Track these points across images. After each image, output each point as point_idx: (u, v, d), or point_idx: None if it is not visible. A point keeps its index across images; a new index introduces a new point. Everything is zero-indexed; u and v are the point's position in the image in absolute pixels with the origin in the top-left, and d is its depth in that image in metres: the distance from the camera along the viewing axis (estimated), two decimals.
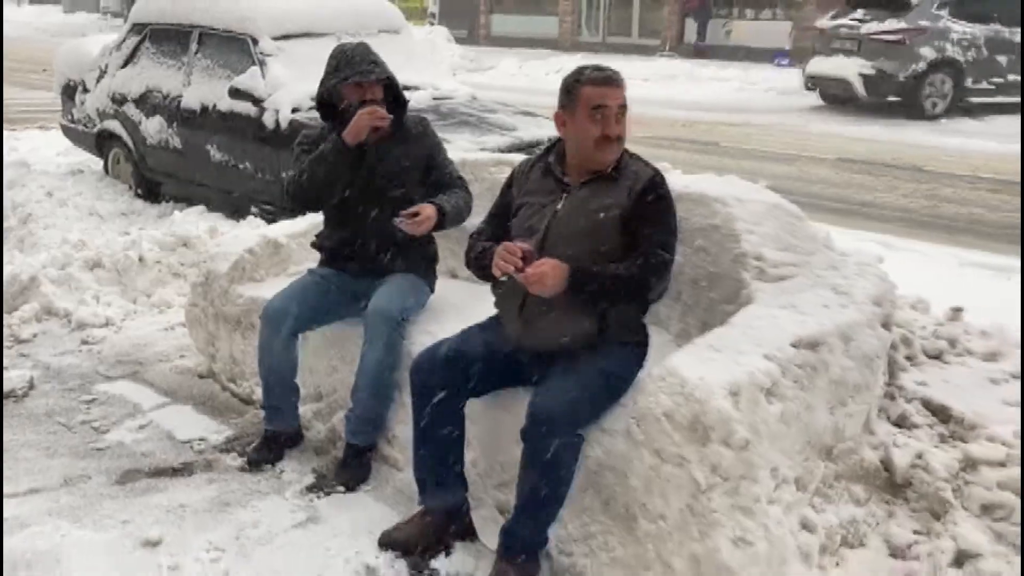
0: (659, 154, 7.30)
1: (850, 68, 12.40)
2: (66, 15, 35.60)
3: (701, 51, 19.69)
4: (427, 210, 3.18)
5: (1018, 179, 8.49)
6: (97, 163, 7.80)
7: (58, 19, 33.23)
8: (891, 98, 12.51)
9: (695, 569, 2.41)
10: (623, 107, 2.66)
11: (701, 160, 9.31)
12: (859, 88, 12.37)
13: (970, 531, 2.62)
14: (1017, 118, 11.99)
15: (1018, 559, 2.54)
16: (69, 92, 7.89)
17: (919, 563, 2.61)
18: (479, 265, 2.80)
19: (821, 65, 12.95)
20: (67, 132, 8.07)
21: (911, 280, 4.21)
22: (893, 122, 12.06)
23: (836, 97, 13.25)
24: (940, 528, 2.68)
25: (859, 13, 12.67)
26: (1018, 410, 2.95)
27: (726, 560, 2.37)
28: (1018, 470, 2.72)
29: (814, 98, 14.24)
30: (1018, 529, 2.60)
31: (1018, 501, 2.64)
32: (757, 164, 9.09)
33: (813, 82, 13.38)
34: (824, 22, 13.39)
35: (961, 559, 2.57)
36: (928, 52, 12.09)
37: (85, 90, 7.58)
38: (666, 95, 14.77)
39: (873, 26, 12.30)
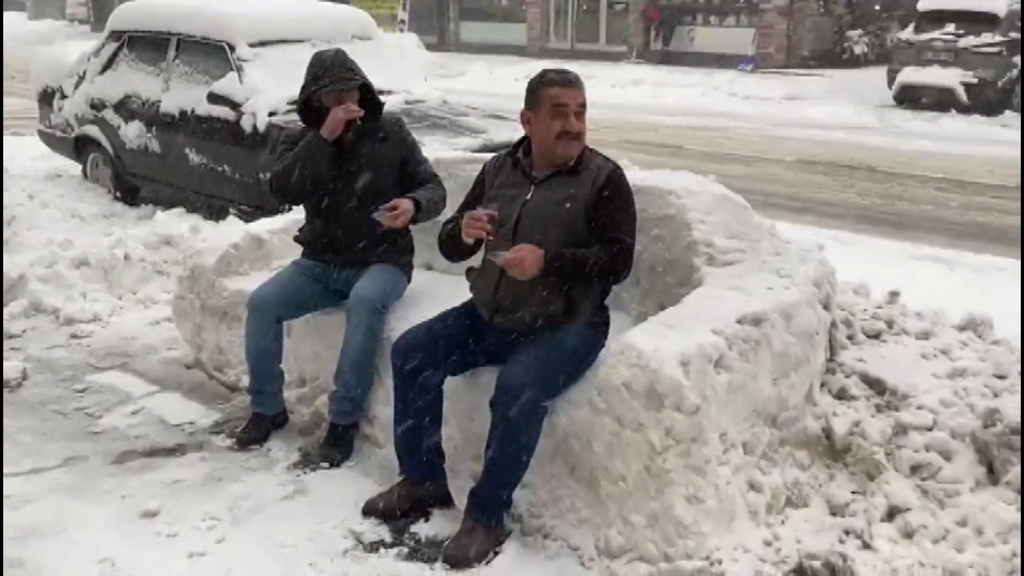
0: (626, 156, 7.53)
1: (951, 77, 13.64)
2: (31, 21, 35.33)
3: (667, 57, 20.07)
4: (404, 204, 3.40)
5: (972, 181, 8.90)
6: (74, 168, 7.89)
7: (23, 26, 32.90)
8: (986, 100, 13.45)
9: (653, 524, 2.66)
10: (582, 106, 2.91)
11: (667, 163, 9.53)
12: (962, 95, 13.53)
13: (900, 489, 2.90)
14: (957, 119, 12.64)
15: (942, 512, 2.82)
16: (47, 98, 7.98)
17: (856, 519, 2.88)
18: (451, 239, 3.02)
19: (917, 75, 14.00)
20: (45, 137, 8.14)
21: (860, 270, 4.51)
22: (851, 126, 12.48)
23: (927, 104, 14.07)
24: (874, 487, 2.95)
25: (950, 27, 13.82)
26: (944, 381, 3.24)
27: (680, 516, 2.63)
28: (943, 434, 3.00)
29: (775, 103, 14.65)
30: (941, 485, 2.89)
31: (941, 460, 2.93)
32: (719, 166, 9.37)
33: (907, 90, 14.16)
34: (909, 35, 14.42)
35: (892, 513, 2.85)
36: (1019, 60, 13.48)
37: (63, 96, 7.67)
38: (633, 100, 15.11)
39: (971, 39, 13.65)
